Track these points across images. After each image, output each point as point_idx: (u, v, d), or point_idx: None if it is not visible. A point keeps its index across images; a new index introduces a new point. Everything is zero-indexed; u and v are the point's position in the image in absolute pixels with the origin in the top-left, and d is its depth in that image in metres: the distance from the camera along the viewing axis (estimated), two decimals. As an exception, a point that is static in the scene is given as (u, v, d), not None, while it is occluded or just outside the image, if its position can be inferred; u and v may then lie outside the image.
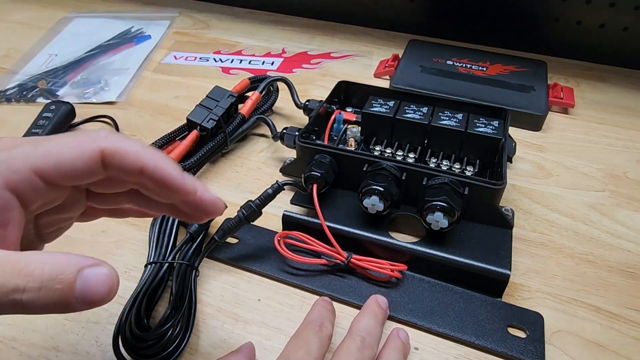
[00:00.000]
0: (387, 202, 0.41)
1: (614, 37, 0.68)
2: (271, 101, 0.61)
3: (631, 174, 0.53)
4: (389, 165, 0.43)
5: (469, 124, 0.46)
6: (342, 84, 0.55)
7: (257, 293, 0.42)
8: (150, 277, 0.40)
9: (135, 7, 0.90)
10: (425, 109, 0.48)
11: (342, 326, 0.40)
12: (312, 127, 0.51)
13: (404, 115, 0.47)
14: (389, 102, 0.49)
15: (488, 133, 0.45)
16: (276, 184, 0.43)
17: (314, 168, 0.44)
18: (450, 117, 0.47)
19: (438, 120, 0.46)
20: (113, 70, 0.72)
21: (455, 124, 0.46)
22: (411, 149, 0.48)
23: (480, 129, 0.45)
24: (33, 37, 0.80)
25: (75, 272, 0.20)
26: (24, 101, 0.66)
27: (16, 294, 0.19)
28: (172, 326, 0.37)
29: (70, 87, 0.68)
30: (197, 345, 0.39)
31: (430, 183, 0.41)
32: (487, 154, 0.46)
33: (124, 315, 0.37)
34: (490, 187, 0.41)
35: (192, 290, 0.40)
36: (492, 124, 0.46)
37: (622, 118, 0.62)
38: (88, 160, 0.23)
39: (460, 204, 0.40)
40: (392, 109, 0.48)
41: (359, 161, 0.44)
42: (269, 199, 0.43)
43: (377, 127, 0.49)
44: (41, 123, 0.57)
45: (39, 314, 0.21)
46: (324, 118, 0.53)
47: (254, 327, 0.40)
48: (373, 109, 0.48)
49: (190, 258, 0.42)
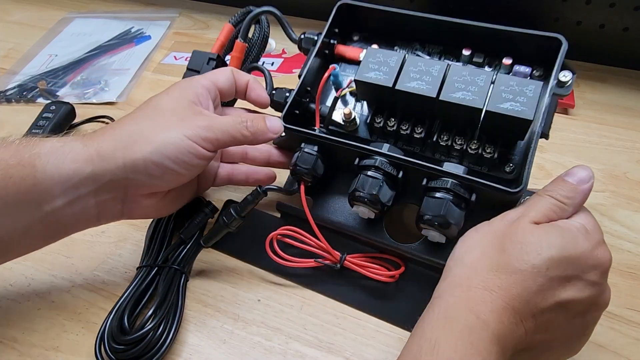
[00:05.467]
0: (378, 210, 0.38)
1: (614, 37, 0.68)
2: (261, 40, 0.50)
3: (631, 175, 0.53)
4: (383, 161, 0.38)
5: (491, 96, 0.36)
6: (343, 8, 0.44)
7: (257, 293, 0.42)
8: (139, 280, 0.40)
9: (135, 7, 0.90)
10: (437, 67, 0.38)
11: (342, 326, 0.40)
12: (304, 88, 0.44)
13: (406, 84, 0.38)
14: (390, 59, 0.39)
15: (514, 112, 0.35)
16: (256, 190, 0.41)
17: (299, 163, 0.40)
18: (468, 83, 0.37)
19: (450, 92, 0.37)
20: (113, 70, 0.72)
21: (471, 98, 0.36)
22: (419, 121, 0.41)
23: (505, 105, 0.35)
24: (33, 37, 0.80)
25: (263, 118, 0.40)
26: (24, 101, 0.66)
27: (244, 128, 0.38)
28: (152, 329, 0.37)
29: (70, 88, 0.68)
30: (197, 346, 0.39)
31: (431, 185, 0.37)
32: (513, 135, 0.38)
33: (108, 319, 0.38)
34: (504, 192, 0.35)
35: (179, 294, 0.40)
36: (525, 91, 0.35)
37: (622, 118, 0.62)
38: (230, 75, 0.42)
39: (462, 216, 0.36)
40: (392, 72, 0.39)
41: (349, 152, 0.39)
42: (248, 205, 0.41)
43: (374, 97, 0.42)
44: (41, 123, 0.57)
45: (251, 143, 0.40)
46: (321, 67, 0.45)
47: (253, 327, 0.40)
48: (368, 75, 0.39)
49: (180, 262, 0.42)
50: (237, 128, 0.38)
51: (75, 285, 0.43)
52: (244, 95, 0.44)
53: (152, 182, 0.37)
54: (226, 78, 0.42)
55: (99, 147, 0.35)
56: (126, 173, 0.35)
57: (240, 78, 0.43)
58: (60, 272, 0.44)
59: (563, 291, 0.30)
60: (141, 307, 0.40)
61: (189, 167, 0.37)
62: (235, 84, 0.43)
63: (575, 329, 0.32)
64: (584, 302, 0.31)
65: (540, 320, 0.31)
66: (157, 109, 0.38)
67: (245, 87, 0.43)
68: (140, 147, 0.35)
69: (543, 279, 0.30)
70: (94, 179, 0.35)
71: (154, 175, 0.36)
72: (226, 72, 0.42)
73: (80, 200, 0.36)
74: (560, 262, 0.30)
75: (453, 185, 0.36)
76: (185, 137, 0.36)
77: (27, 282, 0.43)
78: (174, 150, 0.35)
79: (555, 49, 0.38)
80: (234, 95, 0.43)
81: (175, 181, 0.38)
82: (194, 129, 0.36)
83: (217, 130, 0.37)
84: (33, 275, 0.44)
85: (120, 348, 0.36)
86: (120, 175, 0.35)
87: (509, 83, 0.36)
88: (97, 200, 0.36)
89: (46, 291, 0.42)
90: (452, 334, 0.29)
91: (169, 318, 0.38)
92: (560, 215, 0.33)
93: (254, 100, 0.44)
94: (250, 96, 0.43)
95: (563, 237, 0.31)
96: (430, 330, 0.30)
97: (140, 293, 0.40)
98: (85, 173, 0.35)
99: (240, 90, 0.43)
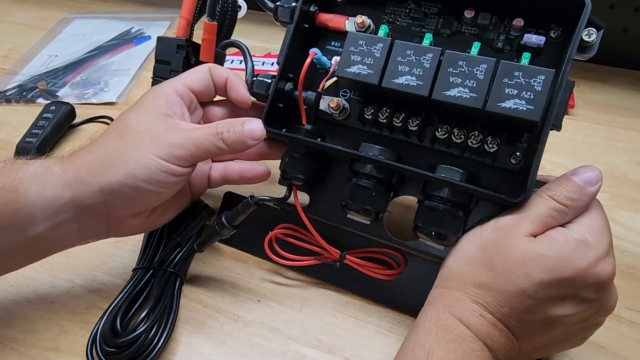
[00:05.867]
0: (372, 216, 0.37)
1: (613, 38, 0.68)
2: (231, 10, 0.45)
3: (631, 175, 0.53)
4: (374, 167, 0.35)
5: (492, 91, 0.31)
6: None
7: (257, 294, 0.42)
8: (134, 283, 0.40)
9: (135, 7, 0.90)
10: (429, 56, 0.33)
11: (342, 327, 0.40)
12: (285, 76, 0.39)
13: (394, 80, 0.34)
14: (374, 47, 0.34)
15: (518, 112, 0.31)
16: (247, 200, 0.38)
17: (287, 170, 0.38)
18: (465, 76, 0.32)
19: (444, 89, 0.32)
20: (113, 71, 0.72)
21: (468, 96, 0.32)
22: (414, 112, 0.36)
23: (508, 103, 0.31)
24: (33, 37, 0.79)
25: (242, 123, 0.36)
26: (23, 102, 0.66)
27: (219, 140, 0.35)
28: (144, 332, 0.36)
29: (70, 88, 0.68)
30: (197, 347, 0.39)
31: (426, 191, 0.34)
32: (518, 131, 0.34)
33: (101, 321, 0.38)
34: (504, 201, 0.32)
35: (173, 298, 0.40)
36: (532, 84, 0.31)
37: (622, 119, 0.62)
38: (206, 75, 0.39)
39: (461, 225, 0.34)
40: (378, 64, 0.34)
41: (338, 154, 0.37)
42: (239, 215, 0.39)
43: (360, 92, 0.38)
44: (41, 124, 0.57)
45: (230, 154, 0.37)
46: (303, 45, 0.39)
47: (253, 327, 0.40)
48: (350, 71, 0.35)
49: (176, 265, 0.42)
50: (211, 141, 0.35)
51: (75, 286, 0.43)
52: (225, 93, 0.41)
53: (132, 204, 0.36)
54: (201, 79, 0.39)
55: (75, 172, 0.35)
56: (104, 197, 0.35)
57: (218, 75, 0.40)
58: (60, 273, 0.44)
59: (554, 309, 0.29)
60: (135, 309, 0.39)
61: (167, 186, 0.36)
62: (214, 82, 0.40)
63: (574, 332, 0.32)
64: (580, 316, 0.30)
65: (533, 332, 0.31)
66: (127, 128, 0.36)
67: (225, 84, 0.40)
68: (113, 171, 0.34)
69: (531, 301, 0.29)
70: (74, 205, 0.35)
71: (131, 197, 0.35)
72: (201, 72, 0.39)
73: (62, 225, 0.35)
74: (551, 284, 0.29)
75: (450, 194, 0.33)
76: (157, 157, 0.34)
77: (27, 282, 0.43)
78: (147, 172, 0.34)
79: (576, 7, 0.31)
80: (213, 95, 0.41)
81: (156, 200, 0.37)
82: (165, 148, 0.35)
83: (190, 145, 0.35)
84: (33, 276, 0.44)
85: (111, 351, 0.36)
86: (98, 199, 0.35)
87: (514, 74, 0.31)
88: (80, 225, 0.36)
89: (46, 291, 0.42)
90: (445, 343, 0.29)
91: (162, 321, 0.38)
92: (560, 220, 0.30)
93: (234, 100, 0.40)
94: (230, 96, 0.40)
95: (558, 257, 0.29)
96: (424, 337, 0.30)
97: (134, 295, 0.40)
98: (65, 199, 0.34)
99: (219, 89, 0.41)
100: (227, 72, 0.40)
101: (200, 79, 0.39)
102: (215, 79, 0.40)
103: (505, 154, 0.35)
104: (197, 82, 0.39)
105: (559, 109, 0.31)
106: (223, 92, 0.41)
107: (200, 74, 0.39)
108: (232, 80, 0.40)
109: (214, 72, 0.40)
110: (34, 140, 0.55)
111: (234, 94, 0.40)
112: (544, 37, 0.33)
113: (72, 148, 0.58)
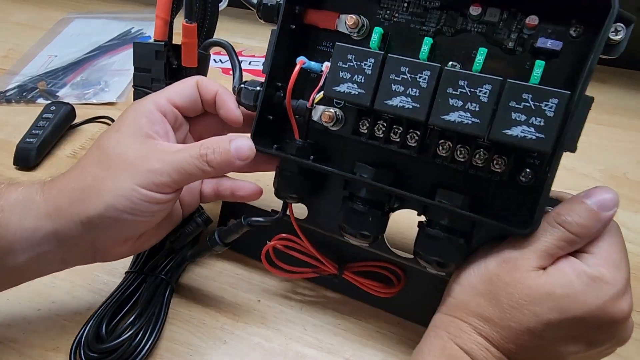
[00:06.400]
0: (369, 240, 0.35)
1: (613, 38, 0.68)
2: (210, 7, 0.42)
3: (631, 175, 0.53)
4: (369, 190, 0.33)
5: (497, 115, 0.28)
6: None
7: (257, 294, 0.42)
8: (124, 287, 0.40)
9: (135, 7, 0.90)
10: (425, 74, 0.29)
11: (342, 327, 0.40)
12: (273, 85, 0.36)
13: (387, 102, 0.30)
14: (365, 63, 0.31)
15: (526, 141, 0.27)
16: (240, 221, 0.37)
17: (280, 190, 0.36)
18: (467, 98, 0.28)
19: (443, 113, 0.29)
20: (113, 71, 0.72)
21: (470, 122, 0.28)
22: (412, 126, 0.32)
23: (515, 130, 0.27)
24: (33, 38, 0.79)
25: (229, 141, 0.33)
26: (23, 102, 0.66)
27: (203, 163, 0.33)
28: (128, 339, 0.36)
29: (70, 88, 0.68)
30: (197, 347, 0.39)
31: (426, 215, 0.33)
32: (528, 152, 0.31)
33: (87, 325, 0.37)
34: (511, 232, 0.30)
35: (162, 305, 0.39)
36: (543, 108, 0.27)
37: (622, 119, 0.62)
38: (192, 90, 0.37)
39: (462, 254, 0.32)
40: (369, 83, 0.31)
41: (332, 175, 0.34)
42: (232, 234, 0.38)
43: (352, 111, 0.35)
44: (41, 124, 0.57)
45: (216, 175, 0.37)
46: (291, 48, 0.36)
47: (253, 328, 0.40)
48: (339, 90, 0.32)
49: (168, 272, 0.41)
50: (194, 164, 0.32)
51: (75, 286, 0.43)
52: (214, 109, 0.37)
53: (116, 234, 0.34)
54: (187, 94, 0.36)
55: (55, 202, 0.33)
56: (86, 230, 0.33)
57: (207, 90, 0.36)
58: (61, 273, 0.44)
59: (564, 347, 0.28)
60: (123, 314, 0.39)
61: (151, 214, 0.33)
62: (201, 97, 0.37)
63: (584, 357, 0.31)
64: (592, 352, 0.29)
65: None
66: (106, 154, 0.33)
67: (214, 100, 0.36)
68: (92, 203, 0.32)
69: (539, 340, 0.28)
70: (55, 236, 0.33)
71: (114, 228, 0.33)
72: (187, 87, 0.36)
73: (43, 255, 0.33)
74: (560, 324, 0.27)
75: (450, 222, 0.31)
76: (137, 185, 0.32)
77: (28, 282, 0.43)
78: (127, 203, 0.32)
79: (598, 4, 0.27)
80: (200, 111, 0.38)
81: (142, 228, 0.35)
82: (145, 176, 0.32)
83: (172, 171, 0.32)
84: (33, 276, 0.44)
85: (94, 356, 0.35)
86: (80, 231, 0.33)
87: (522, 96, 0.27)
88: (63, 255, 0.34)
89: (46, 291, 0.42)
90: None
91: (148, 328, 0.37)
92: (569, 250, 0.28)
93: (224, 119, 0.37)
94: (219, 113, 0.37)
95: (568, 295, 0.26)
96: None
97: (123, 300, 0.39)
98: (45, 230, 0.32)
99: (208, 104, 0.37)
100: (216, 86, 0.37)
101: (186, 94, 0.36)
102: (202, 93, 0.37)
103: (514, 172, 0.31)
104: (182, 97, 0.36)
105: (574, 131, 0.28)
106: (212, 108, 0.37)
107: (187, 89, 0.36)
108: (221, 96, 0.36)
109: (202, 87, 0.37)
110: (34, 140, 0.55)
111: (223, 112, 0.36)
112: (561, 43, 0.29)
113: (72, 148, 0.58)
